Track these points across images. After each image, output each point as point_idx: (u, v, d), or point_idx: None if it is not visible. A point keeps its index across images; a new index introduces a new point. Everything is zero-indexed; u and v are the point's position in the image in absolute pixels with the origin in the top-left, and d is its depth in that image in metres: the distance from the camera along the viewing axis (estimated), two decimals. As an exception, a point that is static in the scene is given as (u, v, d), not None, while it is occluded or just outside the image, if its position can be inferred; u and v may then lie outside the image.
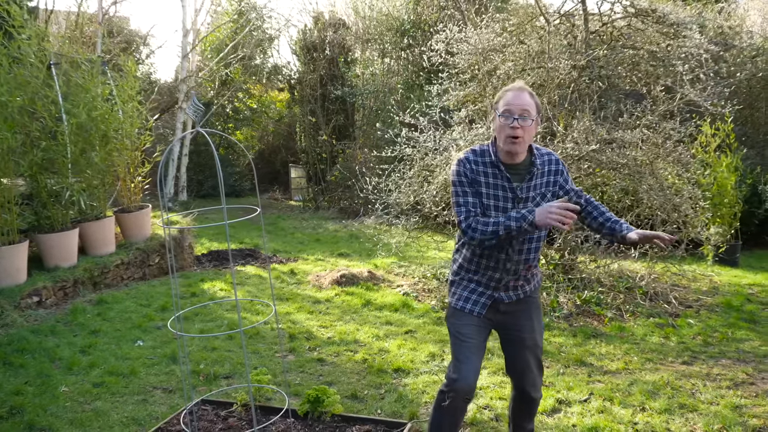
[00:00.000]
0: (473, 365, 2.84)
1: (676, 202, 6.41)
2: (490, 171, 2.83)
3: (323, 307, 6.42)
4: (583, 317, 6.00)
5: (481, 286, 2.95)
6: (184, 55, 14.50)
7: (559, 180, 2.91)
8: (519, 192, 2.82)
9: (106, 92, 7.45)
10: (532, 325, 3.02)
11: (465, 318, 2.94)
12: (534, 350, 3.03)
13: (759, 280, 7.63)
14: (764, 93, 12.43)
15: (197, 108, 3.17)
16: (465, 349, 2.87)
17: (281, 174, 17.78)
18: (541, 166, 2.86)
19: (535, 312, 3.05)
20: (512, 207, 2.81)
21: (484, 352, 2.98)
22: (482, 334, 2.96)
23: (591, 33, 7.30)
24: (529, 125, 2.73)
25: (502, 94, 2.83)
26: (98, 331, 5.50)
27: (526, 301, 3.01)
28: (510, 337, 3.05)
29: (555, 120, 7.03)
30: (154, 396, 4.23)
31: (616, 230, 2.87)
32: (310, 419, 3.52)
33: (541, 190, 2.86)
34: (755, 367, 4.77)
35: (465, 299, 2.96)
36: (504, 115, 2.74)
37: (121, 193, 7.92)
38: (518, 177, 2.83)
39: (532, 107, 2.75)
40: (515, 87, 2.81)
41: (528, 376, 3.06)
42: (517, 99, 2.74)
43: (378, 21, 14.84)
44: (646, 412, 3.95)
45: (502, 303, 2.96)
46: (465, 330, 2.91)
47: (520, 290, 2.98)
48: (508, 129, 2.72)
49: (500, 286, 2.94)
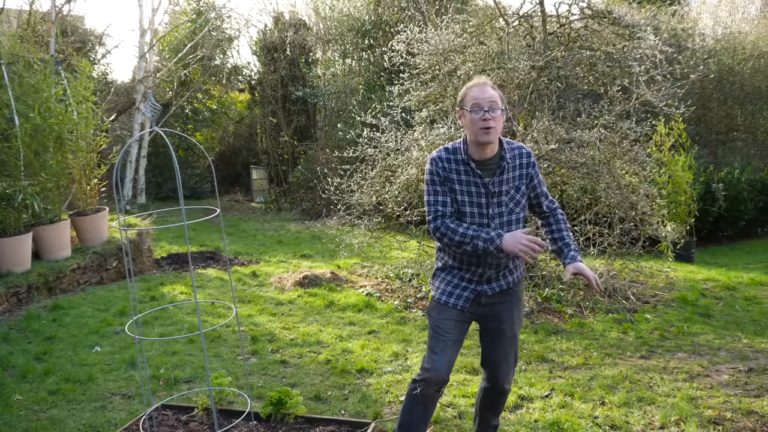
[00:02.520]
0: (447, 358, 2.90)
1: (633, 200, 6.55)
2: (462, 168, 2.88)
3: (286, 308, 6.37)
4: (545, 314, 6.08)
5: (464, 280, 2.98)
6: (142, 55, 14.23)
7: (530, 172, 2.95)
8: (491, 187, 2.86)
9: (59, 93, 7.26)
10: (512, 317, 3.04)
11: (446, 312, 2.96)
12: (512, 342, 3.07)
13: (713, 275, 7.84)
14: (716, 94, 12.84)
15: (154, 108, 3.11)
16: (441, 342, 2.92)
17: (242, 176, 17.61)
18: (511, 160, 2.90)
19: (516, 304, 3.07)
20: (486, 202, 2.86)
21: (460, 346, 3.01)
22: (461, 329, 2.99)
23: (549, 34, 7.41)
24: (498, 116, 2.80)
25: (466, 91, 2.88)
26: (54, 338, 5.35)
27: (508, 293, 3.03)
28: (489, 328, 3.07)
29: (515, 120, 7.11)
30: (112, 402, 4.13)
31: (561, 254, 2.97)
32: (273, 421, 3.48)
33: (514, 183, 2.91)
34: (710, 360, 4.89)
35: (448, 294, 2.98)
36: (474, 110, 2.80)
37: (77, 196, 7.72)
38: (489, 172, 2.88)
39: (497, 99, 2.82)
40: (479, 82, 2.87)
41: (503, 367, 3.09)
42: (483, 93, 2.81)
43: (339, 21, 14.81)
44: (605, 405, 4.02)
45: (484, 295, 2.97)
46: (444, 324, 2.95)
47: (503, 281, 3.00)
48: (480, 122, 2.78)
49: (483, 280, 2.96)
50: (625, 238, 6.79)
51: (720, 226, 10.13)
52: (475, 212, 2.89)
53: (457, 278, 2.99)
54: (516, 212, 2.92)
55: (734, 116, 13.46)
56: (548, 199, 3.06)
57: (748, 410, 3.91)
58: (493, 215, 2.89)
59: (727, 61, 12.63)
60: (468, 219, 2.90)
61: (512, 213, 2.91)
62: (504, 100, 2.92)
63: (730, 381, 4.44)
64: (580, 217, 6.99)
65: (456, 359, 2.98)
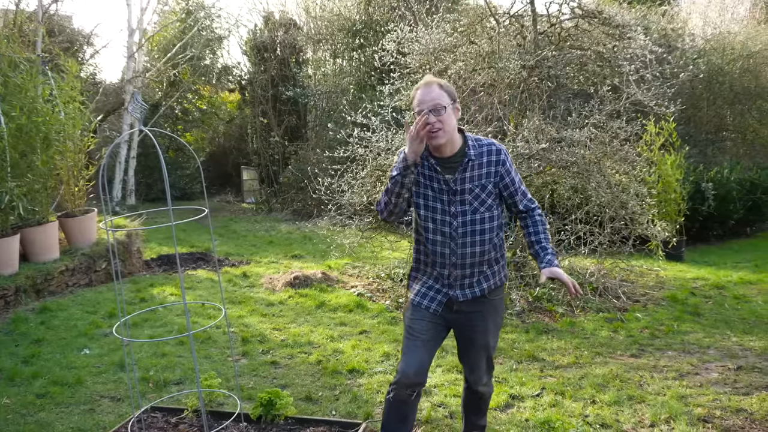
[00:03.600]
0: (418, 360, 2.85)
1: (623, 199, 6.57)
2: (425, 163, 2.86)
3: (277, 309, 6.34)
4: (535, 313, 6.08)
5: (437, 283, 2.94)
6: (130, 55, 14.15)
7: (500, 170, 2.86)
8: (453, 184, 2.82)
9: (46, 93, 7.19)
10: (486, 326, 2.98)
11: (419, 313, 2.93)
12: (485, 350, 3.03)
13: (703, 274, 7.87)
14: (706, 94, 12.91)
15: (141, 107, 3.09)
16: (412, 343, 2.89)
17: (233, 176, 17.54)
18: (476, 157, 2.83)
19: (491, 313, 2.99)
20: (448, 200, 2.82)
21: (435, 348, 2.96)
22: (435, 330, 2.94)
23: (540, 34, 7.42)
24: (444, 116, 2.74)
25: (414, 93, 2.84)
26: (42, 340, 5.30)
27: (482, 301, 2.95)
28: (462, 336, 3.05)
29: (506, 119, 7.12)
30: (101, 405, 4.09)
31: (538, 258, 2.90)
32: (264, 423, 3.46)
33: (479, 182, 2.84)
34: (699, 358, 4.91)
35: (422, 295, 2.95)
36: (420, 113, 2.75)
37: (65, 197, 7.65)
38: (451, 170, 2.83)
39: (443, 97, 2.75)
40: (423, 83, 2.81)
41: (476, 372, 3.09)
42: (427, 95, 2.75)
43: (329, 21, 14.78)
44: (596, 404, 4.02)
45: (456, 302, 2.92)
46: (416, 325, 2.91)
47: (476, 288, 2.92)
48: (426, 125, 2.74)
49: (454, 283, 2.90)
50: (616, 237, 6.81)
51: (709, 225, 10.18)
52: (438, 208, 2.85)
53: (432, 280, 2.96)
54: (481, 211, 2.84)
55: (724, 116, 13.55)
56: (526, 198, 2.96)
57: (737, 408, 3.92)
58: (456, 213, 2.83)
59: (716, 61, 12.70)
60: (430, 214, 2.87)
61: (476, 212, 2.84)
62: (455, 95, 2.86)
63: (720, 379, 4.46)
64: (570, 216, 7.00)
65: (431, 361, 2.93)
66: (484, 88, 7.35)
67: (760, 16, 14.81)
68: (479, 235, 2.86)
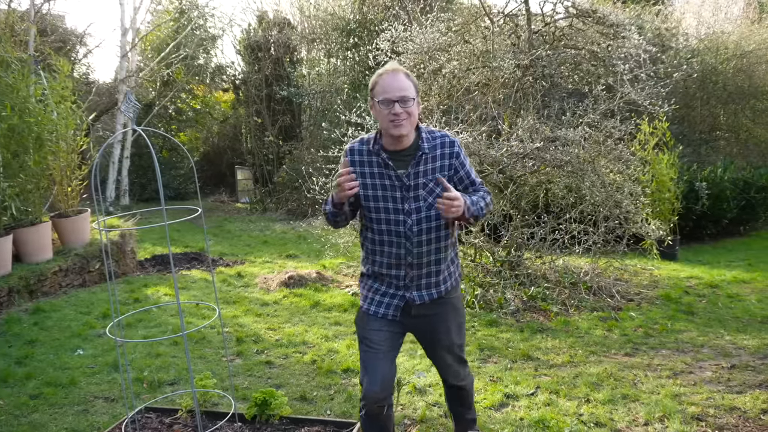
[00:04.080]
0: (380, 374, 2.70)
1: (617, 198, 6.58)
2: (375, 160, 2.69)
3: (271, 309, 6.33)
4: (530, 313, 6.09)
5: (390, 287, 2.78)
6: (123, 54, 14.10)
7: (454, 163, 2.72)
8: (406, 179, 2.66)
9: (38, 93, 7.16)
10: (448, 326, 2.85)
11: (375, 322, 2.77)
12: (451, 349, 2.91)
13: (696, 273, 7.90)
14: (699, 93, 12.95)
15: (134, 107, 3.07)
16: (372, 357, 2.74)
17: (227, 176, 17.50)
18: (430, 150, 2.68)
19: (452, 314, 2.86)
20: (401, 196, 2.66)
21: (395, 357, 2.82)
22: (393, 340, 2.80)
23: (534, 33, 7.43)
24: (410, 107, 2.58)
25: (376, 79, 2.63)
26: (35, 341, 5.28)
27: (440, 302, 2.81)
28: (424, 339, 2.93)
29: (500, 118, 7.13)
30: (95, 406, 4.08)
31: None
32: (258, 423, 3.45)
33: (434, 176, 2.68)
34: (693, 357, 4.92)
35: (377, 303, 2.79)
36: (383, 103, 2.58)
37: (58, 198, 7.61)
38: (403, 164, 2.67)
39: (410, 88, 2.59)
40: (389, 69, 2.62)
41: (448, 371, 2.99)
42: (393, 82, 2.57)
43: (323, 20, 14.77)
44: (590, 403, 4.03)
45: (413, 305, 2.76)
46: (373, 336, 2.76)
47: (433, 289, 2.78)
48: (391, 115, 2.57)
49: (410, 284, 2.75)
50: (610, 236, 6.83)
51: (703, 224, 10.21)
52: (390, 207, 2.69)
53: (385, 285, 2.79)
54: (436, 207, 2.64)
55: (717, 115, 13.60)
56: (474, 185, 2.80)
57: (730, 406, 3.93)
58: (410, 210, 2.67)
59: (710, 61, 12.75)
60: (383, 214, 2.70)
61: (431, 208, 2.67)
62: (419, 88, 2.70)
63: (713, 377, 4.47)
64: (565, 215, 7.02)
65: (394, 372, 2.80)
66: (478, 88, 7.36)
67: (753, 16, 14.88)
68: (435, 232, 2.71)
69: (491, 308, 6.11)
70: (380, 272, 2.78)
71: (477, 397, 4.13)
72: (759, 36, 13.00)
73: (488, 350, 5.05)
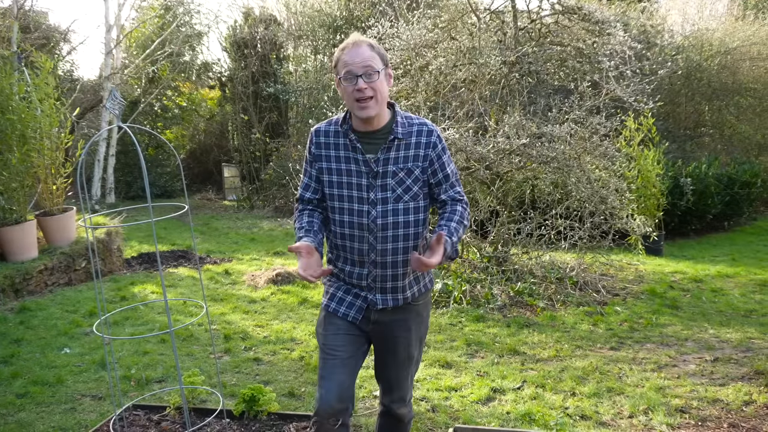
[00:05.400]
0: (336, 384, 2.39)
1: (603, 194, 6.63)
2: (342, 142, 2.43)
3: (259, 306, 6.33)
4: (517, 308, 6.13)
5: (355, 286, 2.50)
6: (108, 51, 13.99)
7: (430, 154, 2.43)
8: (374, 165, 2.39)
9: (21, 90, 7.10)
10: (409, 337, 2.55)
11: (334, 325, 2.50)
12: (408, 365, 2.59)
13: (681, 267, 7.98)
14: (684, 90, 13.04)
15: (119, 104, 3.06)
16: (329, 364, 2.43)
17: (214, 174, 17.42)
18: (405, 136, 2.41)
19: (415, 322, 2.56)
20: (367, 183, 2.39)
21: (358, 367, 2.53)
22: (355, 345, 2.50)
23: (520, 30, 7.46)
24: (376, 81, 2.32)
25: (338, 53, 2.38)
26: (21, 340, 5.25)
27: (405, 308, 2.52)
28: (381, 348, 2.61)
29: (487, 115, 7.15)
30: (82, 404, 4.06)
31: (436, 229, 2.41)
32: (246, 419, 3.46)
33: (405, 165, 2.40)
34: (677, 350, 4.98)
35: (338, 300, 2.53)
36: (346, 78, 2.33)
37: (43, 196, 7.55)
38: (374, 147, 2.41)
39: (375, 59, 2.32)
40: (350, 42, 2.37)
41: (396, 391, 2.64)
42: (356, 56, 2.31)
43: (310, 17, 14.74)
44: (576, 396, 4.07)
45: (374, 309, 2.48)
46: (332, 340, 2.47)
47: (399, 294, 2.49)
48: (355, 92, 2.31)
49: (373, 285, 2.46)
50: (596, 232, 6.88)
51: (688, 219, 10.30)
52: (354, 195, 2.42)
53: (348, 285, 2.53)
54: (405, 200, 2.40)
55: (702, 112, 13.70)
56: (453, 189, 2.49)
57: (713, 398, 3.99)
58: (375, 201, 2.40)
59: (694, 58, 12.84)
60: (346, 203, 2.43)
61: (399, 200, 2.40)
62: (387, 59, 2.42)
63: (697, 370, 4.53)
64: (551, 211, 7.06)
65: (354, 382, 2.48)
66: (465, 84, 7.38)
67: (737, 13, 15.00)
68: (402, 228, 2.42)
69: (478, 304, 6.15)
70: (344, 269, 2.52)
71: (464, 391, 4.16)
72: (743, 33, 13.11)
73: (475, 345, 5.09)
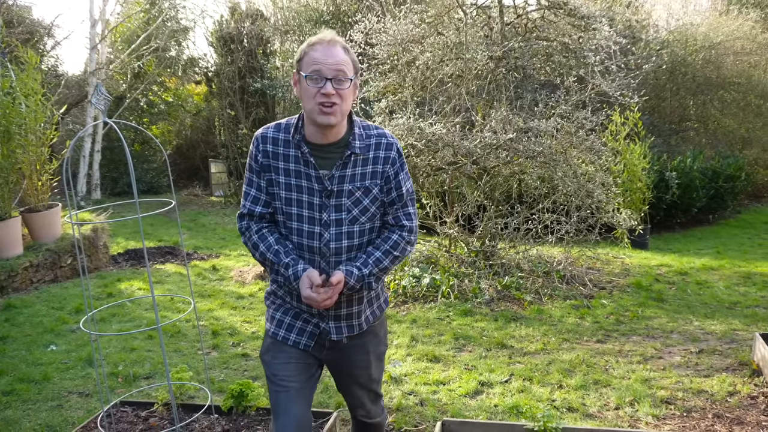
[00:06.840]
0: (293, 418, 2.18)
1: (589, 188, 6.67)
2: (292, 153, 2.15)
3: (247, 302, 6.32)
4: (504, 302, 6.16)
5: (304, 312, 2.26)
6: (93, 46, 13.87)
7: (387, 171, 2.19)
8: (327, 183, 2.13)
9: (6, 85, 7.03)
10: (368, 359, 2.37)
11: (284, 353, 2.26)
12: (367, 386, 2.43)
13: (666, 261, 8.05)
14: (669, 84, 13.14)
15: (105, 99, 3.04)
16: (282, 398, 2.20)
17: (201, 169, 17.34)
18: (362, 150, 2.16)
19: (372, 344, 2.38)
20: (320, 203, 2.14)
21: (312, 394, 2.31)
22: (308, 373, 2.28)
23: (507, 25, 7.48)
24: (346, 89, 2.07)
25: (306, 48, 2.09)
26: (6, 338, 5.21)
27: (360, 333, 2.32)
28: (339, 373, 2.43)
29: (473, 110, 7.17)
30: (69, 401, 4.04)
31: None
32: (235, 414, 3.46)
33: (363, 183, 2.16)
34: (663, 342, 5.03)
35: (287, 326, 2.27)
36: (312, 77, 2.04)
37: (28, 192, 7.49)
38: (329, 162, 2.15)
39: (348, 65, 2.07)
40: (324, 39, 2.08)
41: (362, 408, 2.50)
42: (329, 56, 2.04)
43: (297, 12, 14.67)
44: (563, 389, 4.10)
45: (328, 339, 2.27)
46: (284, 371, 2.23)
47: (354, 321, 2.28)
48: (320, 96, 2.04)
49: (325, 314, 2.24)
50: (582, 226, 6.93)
51: (673, 213, 10.40)
52: (305, 215, 2.16)
53: (296, 308, 2.28)
54: (361, 222, 2.19)
55: (686, 106, 13.81)
56: (404, 210, 2.25)
57: (698, 390, 4.04)
58: (328, 222, 2.16)
59: (679, 52, 12.93)
60: (295, 223, 2.18)
61: (355, 222, 2.18)
62: (359, 68, 2.20)
63: (682, 362, 4.58)
64: (537, 205, 7.09)
65: (310, 411, 2.29)
66: (452, 79, 7.39)
67: (721, 8, 15.10)
68: (356, 251, 2.21)
69: (466, 298, 6.17)
70: (292, 292, 2.24)
71: (452, 385, 4.18)
72: (726, 27, 13.21)
73: (463, 339, 5.11)
